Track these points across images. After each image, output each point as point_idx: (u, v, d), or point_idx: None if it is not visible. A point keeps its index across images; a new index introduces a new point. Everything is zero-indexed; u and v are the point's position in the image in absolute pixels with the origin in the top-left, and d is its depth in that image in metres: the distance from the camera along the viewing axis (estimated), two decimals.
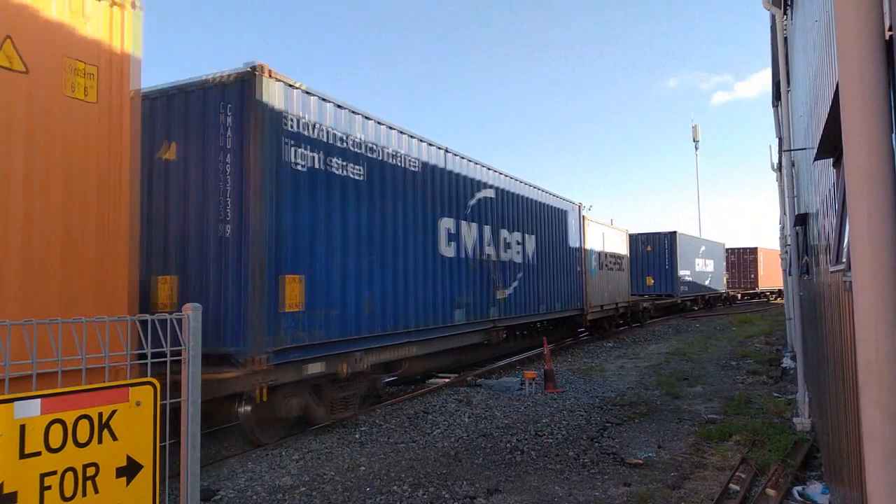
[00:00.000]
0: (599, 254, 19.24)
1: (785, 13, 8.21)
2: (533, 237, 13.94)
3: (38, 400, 2.39)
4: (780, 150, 11.11)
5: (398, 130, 9.07)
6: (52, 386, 2.55)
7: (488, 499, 5.44)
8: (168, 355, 2.91)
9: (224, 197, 6.72)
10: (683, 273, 28.53)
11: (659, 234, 28.04)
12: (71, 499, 2.44)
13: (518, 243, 13.12)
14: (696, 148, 54.02)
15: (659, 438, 7.35)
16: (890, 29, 1.81)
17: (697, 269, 31.05)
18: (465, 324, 10.73)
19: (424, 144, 9.77)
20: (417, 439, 7.47)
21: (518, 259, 13.08)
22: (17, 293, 4.44)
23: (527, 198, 13.80)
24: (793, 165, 8.84)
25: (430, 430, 7.86)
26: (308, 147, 7.26)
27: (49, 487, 2.38)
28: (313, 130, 7.37)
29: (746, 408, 8.88)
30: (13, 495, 2.28)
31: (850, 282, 2.33)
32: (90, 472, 2.51)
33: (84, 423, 2.51)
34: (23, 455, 2.32)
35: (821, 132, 3.48)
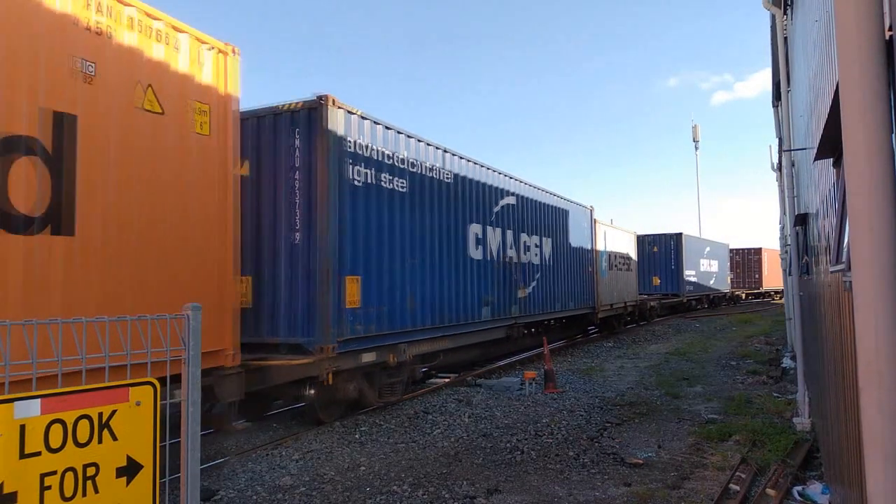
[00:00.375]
0: (609, 255, 20.00)
1: (785, 13, 8.21)
2: (549, 240, 14.88)
3: (38, 400, 2.39)
4: (780, 150, 11.11)
5: (434, 146, 10.10)
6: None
7: (488, 499, 5.44)
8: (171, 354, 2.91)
9: (295, 208, 7.73)
10: (689, 273, 29.35)
11: (665, 235, 28.85)
12: (71, 499, 2.44)
13: (536, 246, 14.07)
14: (696, 148, 54.04)
15: (659, 438, 7.35)
16: (890, 29, 1.81)
17: (702, 269, 32.02)
18: (490, 320, 11.67)
19: (456, 158, 10.79)
20: (417, 439, 7.47)
21: (536, 261, 14.00)
22: (159, 290, 5.61)
23: (544, 203, 14.72)
24: (793, 165, 8.83)
25: (430, 430, 7.86)
26: (363, 165, 8.30)
27: (49, 487, 2.38)
28: (367, 150, 8.43)
29: (746, 408, 8.88)
30: (13, 495, 2.28)
31: (850, 282, 2.33)
32: (90, 472, 2.51)
33: (84, 423, 2.51)
34: (23, 455, 2.32)
35: (821, 132, 3.48)
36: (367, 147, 8.35)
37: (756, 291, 42.82)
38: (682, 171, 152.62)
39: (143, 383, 2.73)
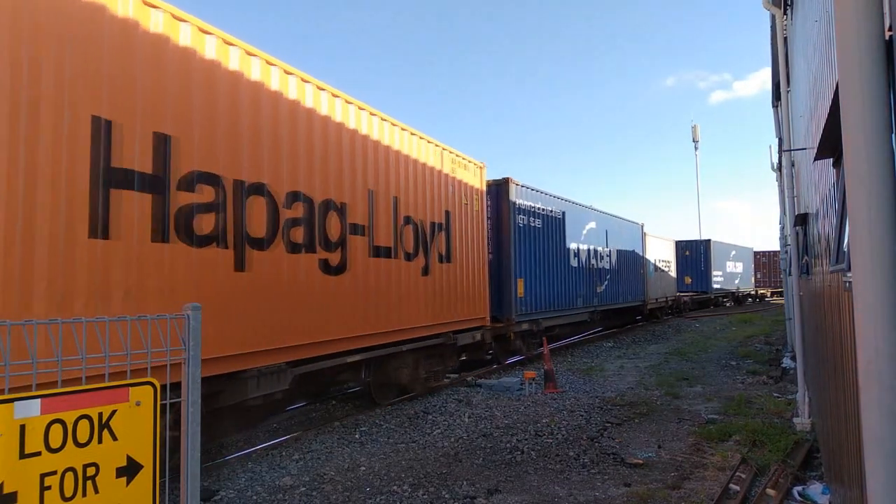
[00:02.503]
0: (654, 260, 25.59)
1: (785, 13, 8.21)
2: (615, 250, 20.45)
3: (38, 400, 2.39)
4: (780, 151, 11.11)
5: (553, 196, 15.70)
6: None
7: (488, 499, 5.44)
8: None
9: (488, 240, 12.58)
10: (716, 273, 34.03)
11: (696, 241, 33.83)
12: (71, 499, 2.44)
13: (607, 255, 19.68)
14: (696, 148, 53.99)
15: (659, 438, 7.35)
16: (890, 29, 1.81)
17: (728, 270, 36.54)
18: (581, 307, 17.32)
19: (564, 201, 16.41)
20: (417, 439, 7.47)
21: (607, 266, 19.56)
22: (472, 286, 11.40)
23: (611, 223, 20.26)
24: (793, 165, 8.83)
25: (430, 430, 7.86)
26: (522, 214, 13.87)
27: (49, 487, 2.38)
28: (524, 205, 13.98)
29: (746, 408, 8.88)
30: (13, 495, 2.28)
31: (850, 282, 2.33)
32: (90, 472, 2.51)
33: (84, 423, 2.51)
34: (23, 455, 2.32)
35: (821, 132, 3.48)
36: (523, 203, 13.93)
37: (780, 290, 45.75)
38: (680, 171, 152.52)
39: (143, 383, 2.73)
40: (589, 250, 17.99)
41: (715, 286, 33.74)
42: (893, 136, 1.80)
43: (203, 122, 5.78)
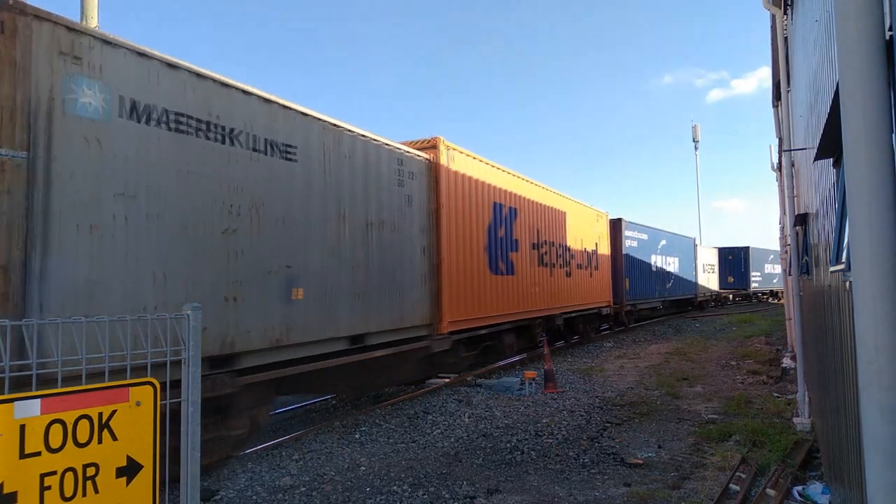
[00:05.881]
0: (703, 263, 33.32)
1: (785, 13, 8.20)
2: (676, 259, 28.41)
3: (38, 400, 2.39)
4: (780, 150, 11.10)
5: (644, 225, 24.18)
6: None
7: (488, 499, 5.44)
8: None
9: (610, 256, 20.99)
10: (754, 274, 41.09)
11: (737, 247, 40.46)
12: (71, 499, 2.43)
13: (672, 262, 27.73)
14: (696, 148, 54.04)
15: (659, 438, 7.35)
16: (890, 29, 1.81)
17: (766, 271, 43.54)
18: (657, 297, 25.54)
19: (649, 228, 24.85)
20: (417, 439, 7.47)
21: (671, 270, 27.63)
22: (607, 286, 21.29)
23: (674, 239, 28.45)
24: (793, 165, 8.83)
25: (430, 430, 7.86)
26: (627, 239, 22.29)
27: (49, 487, 2.37)
28: (627, 234, 22.30)
29: (746, 408, 8.88)
30: (13, 495, 2.28)
31: (850, 282, 2.33)
32: (90, 472, 2.51)
33: (84, 423, 2.51)
34: (23, 455, 2.32)
35: (821, 132, 3.48)
36: (627, 232, 21.95)
37: None
38: (679, 170, 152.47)
39: (143, 383, 2.73)
40: (661, 259, 26.23)
41: (753, 285, 40.78)
42: (893, 136, 1.80)
43: (545, 223, 15.13)
